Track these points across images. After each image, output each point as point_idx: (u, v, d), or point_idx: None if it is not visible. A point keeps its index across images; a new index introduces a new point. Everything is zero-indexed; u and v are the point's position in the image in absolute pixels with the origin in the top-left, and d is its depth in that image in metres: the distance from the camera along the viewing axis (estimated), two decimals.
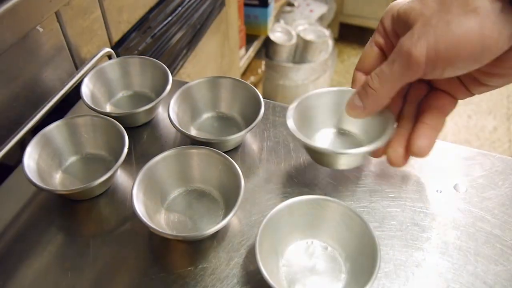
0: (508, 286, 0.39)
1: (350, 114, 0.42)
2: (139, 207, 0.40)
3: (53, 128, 0.48)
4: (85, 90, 0.53)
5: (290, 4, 1.90)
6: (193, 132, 0.52)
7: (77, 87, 0.53)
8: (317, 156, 0.45)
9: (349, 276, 0.39)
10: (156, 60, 0.56)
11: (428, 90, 0.43)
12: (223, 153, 0.44)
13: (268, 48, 1.74)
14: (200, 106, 0.54)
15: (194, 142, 0.49)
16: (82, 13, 0.60)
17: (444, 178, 0.47)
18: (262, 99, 0.50)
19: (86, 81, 0.54)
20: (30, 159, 0.45)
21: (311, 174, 0.48)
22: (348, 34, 2.19)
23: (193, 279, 0.40)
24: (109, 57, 0.59)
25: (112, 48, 0.61)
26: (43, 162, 0.46)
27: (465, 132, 1.65)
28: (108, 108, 0.56)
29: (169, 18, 0.82)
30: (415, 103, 0.43)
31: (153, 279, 0.40)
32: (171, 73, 0.54)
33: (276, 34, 1.75)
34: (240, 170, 0.42)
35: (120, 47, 0.70)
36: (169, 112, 0.49)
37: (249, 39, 1.52)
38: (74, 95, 0.54)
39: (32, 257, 0.42)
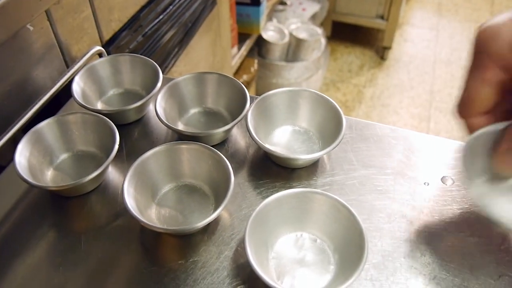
0: (494, 275, 0.39)
1: (505, 170, 0.36)
2: (130, 202, 0.40)
3: (44, 125, 0.48)
4: (76, 88, 0.53)
5: (283, 3, 1.91)
6: (180, 127, 0.53)
7: (68, 85, 0.53)
8: (275, 158, 0.48)
9: (337, 268, 0.39)
10: (147, 58, 0.57)
11: None
12: (213, 148, 0.44)
13: (260, 47, 1.74)
14: (187, 102, 0.54)
15: (181, 136, 0.49)
16: (73, 12, 0.60)
17: (432, 170, 0.48)
18: (248, 94, 0.51)
19: (77, 79, 0.54)
20: (22, 156, 0.45)
21: (299, 168, 0.49)
22: (341, 32, 2.20)
23: (184, 272, 0.40)
24: (100, 55, 0.60)
25: (103, 47, 0.61)
26: (35, 159, 0.47)
27: (459, 128, 1.66)
28: (99, 106, 0.56)
29: (160, 17, 0.82)
30: None
31: (144, 273, 0.40)
32: (163, 72, 0.55)
33: (269, 32, 1.75)
34: (229, 165, 0.43)
35: (111, 45, 0.70)
36: (156, 108, 0.49)
37: (242, 38, 1.53)
38: (65, 93, 0.54)
39: (25, 253, 0.42)
